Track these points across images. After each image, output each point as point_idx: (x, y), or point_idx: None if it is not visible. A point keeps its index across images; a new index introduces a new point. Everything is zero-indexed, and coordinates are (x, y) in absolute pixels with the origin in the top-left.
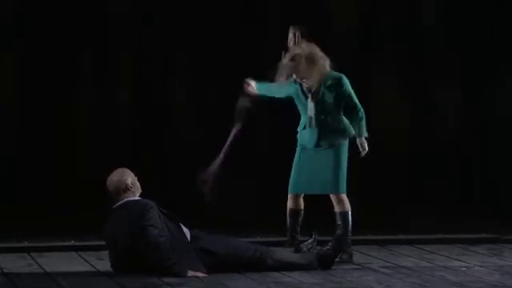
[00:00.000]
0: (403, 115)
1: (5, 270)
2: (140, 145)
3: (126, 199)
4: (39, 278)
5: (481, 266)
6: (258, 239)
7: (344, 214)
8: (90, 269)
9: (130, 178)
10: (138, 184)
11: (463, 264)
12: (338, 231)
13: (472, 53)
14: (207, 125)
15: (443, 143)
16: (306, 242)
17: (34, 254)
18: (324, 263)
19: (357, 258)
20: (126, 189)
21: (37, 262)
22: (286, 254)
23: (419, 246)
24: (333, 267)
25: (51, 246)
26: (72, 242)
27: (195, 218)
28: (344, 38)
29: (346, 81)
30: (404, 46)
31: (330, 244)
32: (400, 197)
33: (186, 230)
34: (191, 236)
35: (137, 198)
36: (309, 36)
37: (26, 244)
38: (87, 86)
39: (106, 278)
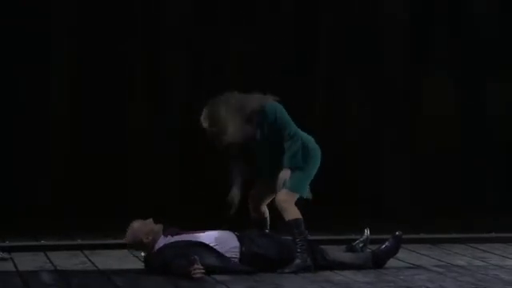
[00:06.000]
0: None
1: (58, 268)
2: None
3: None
4: (92, 276)
5: None
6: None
7: None
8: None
9: (140, 234)
10: (153, 228)
11: None
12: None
13: None
14: None
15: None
16: (358, 240)
17: (87, 252)
18: (378, 262)
19: (410, 256)
20: (142, 243)
21: (90, 260)
22: (340, 254)
23: (472, 244)
24: (385, 266)
25: (104, 243)
26: (125, 240)
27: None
28: (396, 35)
29: None
30: (457, 42)
31: (387, 243)
32: (454, 196)
33: (228, 233)
34: (242, 238)
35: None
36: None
37: (79, 242)
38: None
39: (158, 276)
